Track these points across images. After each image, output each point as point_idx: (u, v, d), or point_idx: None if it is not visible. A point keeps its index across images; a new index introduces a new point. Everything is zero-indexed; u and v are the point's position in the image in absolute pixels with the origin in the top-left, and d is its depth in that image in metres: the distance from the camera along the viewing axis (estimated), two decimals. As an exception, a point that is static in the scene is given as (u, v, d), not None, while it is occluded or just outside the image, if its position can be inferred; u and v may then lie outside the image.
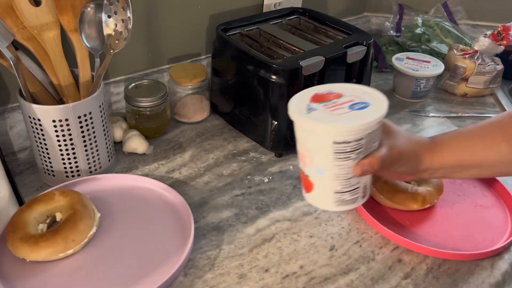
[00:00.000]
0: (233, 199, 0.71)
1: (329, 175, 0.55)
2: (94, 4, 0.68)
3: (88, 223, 0.60)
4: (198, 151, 0.82)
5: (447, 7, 1.17)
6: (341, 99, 0.55)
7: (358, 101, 0.54)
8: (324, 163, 0.54)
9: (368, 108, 0.53)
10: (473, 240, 0.65)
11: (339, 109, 0.54)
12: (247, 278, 0.59)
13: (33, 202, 0.62)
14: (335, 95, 0.56)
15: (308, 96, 0.56)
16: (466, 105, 1.00)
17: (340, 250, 0.63)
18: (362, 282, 0.59)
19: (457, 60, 1.00)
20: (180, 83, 0.85)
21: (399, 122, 0.92)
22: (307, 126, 0.53)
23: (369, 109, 0.53)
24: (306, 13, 0.94)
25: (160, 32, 0.87)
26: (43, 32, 0.66)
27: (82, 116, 0.67)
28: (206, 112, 0.90)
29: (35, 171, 0.75)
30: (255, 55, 0.76)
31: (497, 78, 1.00)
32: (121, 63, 0.85)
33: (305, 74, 0.74)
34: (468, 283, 0.59)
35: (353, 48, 0.79)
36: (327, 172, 0.55)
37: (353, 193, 0.57)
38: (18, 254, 0.57)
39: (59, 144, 0.67)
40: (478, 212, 0.70)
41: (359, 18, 1.25)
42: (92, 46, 0.70)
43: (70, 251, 0.58)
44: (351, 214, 0.69)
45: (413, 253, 0.63)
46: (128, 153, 0.80)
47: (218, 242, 0.64)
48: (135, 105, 0.80)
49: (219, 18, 0.93)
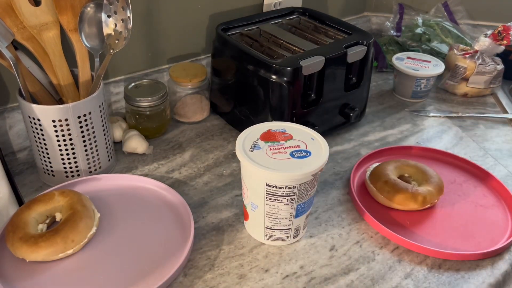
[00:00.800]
0: (233, 199, 0.71)
1: (261, 212, 0.60)
2: (94, 4, 0.68)
3: (87, 223, 0.60)
4: (198, 151, 0.82)
5: (447, 7, 1.17)
6: (288, 142, 0.59)
7: (301, 149, 0.58)
8: (257, 200, 0.59)
9: (308, 158, 0.57)
10: (473, 240, 0.65)
11: (281, 153, 0.57)
12: (247, 278, 0.59)
13: (33, 202, 0.62)
14: (285, 137, 0.60)
15: (260, 131, 0.61)
16: (467, 105, 0.99)
17: (340, 250, 0.63)
18: (362, 282, 0.59)
19: (458, 60, 1.00)
20: (180, 83, 0.85)
21: (399, 122, 0.92)
22: (245, 164, 0.57)
23: (309, 159, 0.57)
24: (306, 13, 0.94)
25: (160, 31, 0.87)
26: (42, 32, 0.66)
27: (81, 116, 0.67)
28: (206, 112, 0.89)
29: (34, 171, 0.75)
30: (255, 55, 0.76)
31: (498, 78, 1.00)
32: (121, 63, 0.85)
33: (305, 74, 0.74)
34: (469, 283, 0.59)
35: (354, 48, 0.79)
36: (260, 208, 0.59)
37: (283, 232, 0.62)
38: (18, 254, 0.57)
39: (58, 144, 0.67)
40: (479, 212, 0.70)
41: (359, 18, 1.25)
42: (92, 46, 0.69)
43: (70, 251, 0.58)
44: (351, 214, 0.69)
45: (413, 253, 0.63)
46: (128, 153, 0.80)
47: (218, 242, 0.64)
48: (134, 105, 0.80)
49: (219, 18, 0.93)
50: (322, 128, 0.81)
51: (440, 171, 0.76)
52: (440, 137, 0.88)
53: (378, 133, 0.88)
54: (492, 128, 0.91)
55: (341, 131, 0.88)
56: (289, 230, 0.61)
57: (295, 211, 0.59)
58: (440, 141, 0.87)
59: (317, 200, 0.71)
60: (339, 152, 0.83)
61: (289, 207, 0.58)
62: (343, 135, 0.87)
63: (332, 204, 0.71)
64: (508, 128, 0.92)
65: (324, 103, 0.80)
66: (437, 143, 0.86)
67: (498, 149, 0.85)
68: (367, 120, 0.92)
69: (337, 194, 0.73)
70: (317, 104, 0.79)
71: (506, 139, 0.88)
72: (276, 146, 0.58)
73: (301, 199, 0.58)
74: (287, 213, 0.59)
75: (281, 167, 0.55)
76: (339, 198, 0.72)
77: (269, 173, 0.55)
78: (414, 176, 0.72)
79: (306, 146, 0.58)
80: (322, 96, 0.79)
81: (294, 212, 0.59)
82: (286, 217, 0.59)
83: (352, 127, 0.89)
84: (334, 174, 0.77)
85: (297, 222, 0.61)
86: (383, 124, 0.91)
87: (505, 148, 0.85)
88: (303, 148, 0.58)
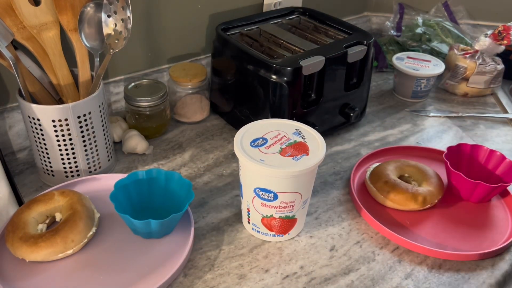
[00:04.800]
0: (233, 199, 0.71)
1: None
2: (94, 4, 0.68)
3: (87, 223, 0.60)
4: (198, 151, 0.82)
5: (447, 7, 1.17)
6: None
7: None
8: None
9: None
10: (473, 240, 0.65)
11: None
12: (247, 279, 0.59)
13: (33, 202, 0.62)
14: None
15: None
16: (467, 105, 0.99)
17: (341, 251, 0.63)
18: (362, 282, 0.59)
19: (458, 59, 1.00)
20: (180, 83, 0.85)
21: (399, 122, 0.92)
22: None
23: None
24: (306, 13, 0.94)
25: (160, 31, 0.87)
26: (42, 32, 0.66)
27: (81, 116, 0.67)
28: (206, 112, 0.89)
29: (34, 171, 0.75)
30: (255, 54, 0.76)
31: (498, 77, 1.00)
32: (121, 63, 0.85)
33: (305, 74, 0.74)
34: (469, 284, 0.59)
35: (354, 47, 0.79)
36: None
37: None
38: (18, 254, 0.57)
39: (58, 144, 0.67)
40: (479, 212, 0.70)
41: (360, 18, 1.25)
42: (92, 46, 0.69)
43: (70, 251, 0.58)
44: (351, 214, 0.69)
45: (413, 254, 0.63)
46: (128, 153, 0.80)
47: (218, 242, 0.64)
48: (134, 104, 0.80)
49: (219, 17, 0.92)
50: (322, 128, 0.81)
51: (440, 171, 0.75)
52: (440, 137, 0.88)
53: (378, 133, 0.88)
54: (492, 128, 0.91)
55: (341, 131, 0.88)
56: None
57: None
58: (440, 141, 0.87)
59: (317, 200, 0.71)
60: (339, 152, 0.83)
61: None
62: (343, 135, 0.87)
63: (332, 204, 0.71)
64: (508, 128, 0.92)
65: (324, 103, 0.80)
66: (437, 143, 0.86)
67: (498, 149, 0.84)
68: (367, 120, 0.92)
69: (337, 194, 0.73)
70: (317, 104, 0.79)
71: (506, 139, 0.88)
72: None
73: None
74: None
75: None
76: (339, 198, 0.72)
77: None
78: (414, 176, 0.72)
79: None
80: (322, 96, 0.79)
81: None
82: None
83: (352, 127, 0.89)
84: (334, 174, 0.77)
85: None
86: (383, 124, 0.91)
87: (505, 148, 0.85)
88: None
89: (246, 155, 0.57)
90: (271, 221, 0.61)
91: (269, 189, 0.58)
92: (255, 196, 0.59)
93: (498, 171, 0.73)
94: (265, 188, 0.58)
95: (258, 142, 0.60)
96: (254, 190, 0.59)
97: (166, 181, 0.65)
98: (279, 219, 0.61)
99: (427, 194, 0.68)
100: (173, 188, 0.65)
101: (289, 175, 0.56)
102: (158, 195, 0.65)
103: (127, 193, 0.64)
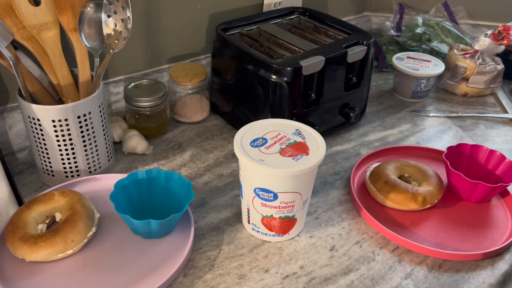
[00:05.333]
0: (233, 199, 0.71)
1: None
2: (94, 4, 0.68)
3: (87, 223, 0.60)
4: (198, 151, 0.82)
5: (447, 7, 1.17)
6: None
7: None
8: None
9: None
10: (473, 240, 0.65)
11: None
12: (247, 279, 0.59)
13: (33, 202, 0.62)
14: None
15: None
16: (467, 105, 0.99)
17: (340, 251, 0.63)
18: (362, 282, 0.59)
19: (458, 59, 1.00)
20: (180, 83, 0.85)
21: (399, 122, 0.92)
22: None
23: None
24: (306, 13, 0.94)
25: (160, 31, 0.87)
26: (42, 32, 0.66)
27: (81, 116, 0.67)
28: (206, 112, 0.89)
29: (34, 171, 0.75)
30: (255, 54, 0.76)
31: (498, 77, 1.00)
32: (121, 63, 0.85)
33: (305, 74, 0.74)
34: (469, 284, 0.59)
35: (354, 47, 0.79)
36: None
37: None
38: (18, 254, 0.57)
39: (58, 144, 0.67)
40: (479, 212, 0.70)
41: (360, 18, 1.25)
42: (92, 46, 0.69)
43: (70, 251, 0.58)
44: (351, 214, 0.69)
45: (413, 253, 0.63)
46: (128, 153, 0.80)
47: (218, 242, 0.64)
48: (134, 105, 0.80)
49: (219, 17, 0.92)
50: (322, 128, 0.81)
51: (440, 171, 0.75)
52: (440, 137, 0.88)
53: (378, 133, 0.88)
54: (492, 128, 0.91)
55: (341, 131, 0.88)
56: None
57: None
58: (440, 141, 0.87)
59: (317, 200, 0.71)
60: (339, 152, 0.83)
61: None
62: (343, 135, 0.87)
63: (332, 204, 0.71)
64: (508, 128, 0.92)
65: (324, 103, 0.80)
66: (437, 143, 0.86)
67: (498, 149, 0.84)
68: (367, 120, 0.92)
69: (337, 194, 0.73)
70: (317, 104, 0.79)
71: (506, 139, 0.88)
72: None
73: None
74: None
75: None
76: (339, 198, 0.72)
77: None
78: (414, 176, 0.72)
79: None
80: (322, 96, 0.79)
81: None
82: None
83: (352, 127, 0.89)
84: (334, 174, 0.77)
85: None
86: (383, 124, 0.91)
87: (505, 148, 0.85)
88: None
89: (246, 155, 0.57)
90: (271, 221, 0.61)
91: (269, 189, 0.58)
92: (255, 196, 0.59)
93: (498, 171, 0.73)
94: (265, 188, 0.58)
95: (258, 142, 0.60)
96: (254, 190, 0.59)
97: (166, 181, 0.65)
98: (279, 219, 0.61)
99: (427, 194, 0.68)
100: (173, 188, 0.65)
101: (289, 175, 0.56)
102: (158, 195, 0.65)
103: (127, 193, 0.64)
